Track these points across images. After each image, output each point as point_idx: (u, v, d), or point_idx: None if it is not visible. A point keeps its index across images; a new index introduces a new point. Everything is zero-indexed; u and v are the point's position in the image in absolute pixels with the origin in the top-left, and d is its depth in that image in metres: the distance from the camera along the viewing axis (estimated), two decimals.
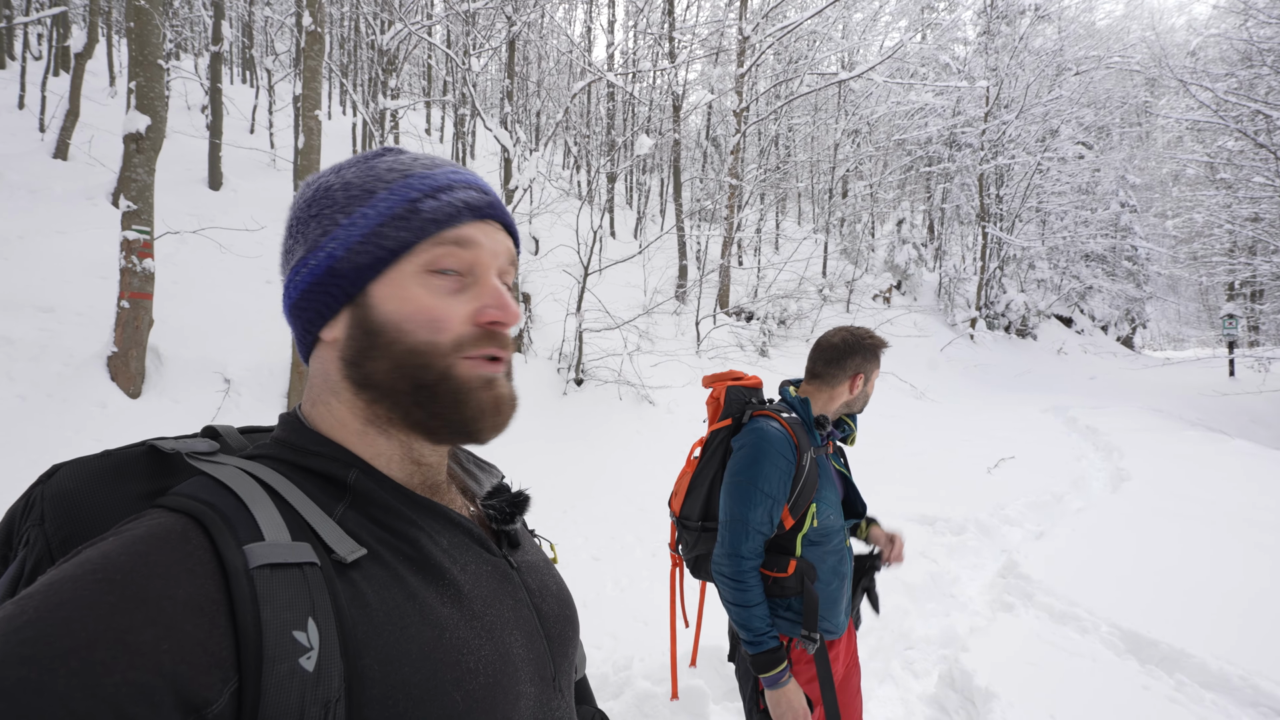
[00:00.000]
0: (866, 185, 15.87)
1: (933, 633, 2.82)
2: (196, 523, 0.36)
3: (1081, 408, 9.46)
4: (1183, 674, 2.40)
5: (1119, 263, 18.13)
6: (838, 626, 1.32)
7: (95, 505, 0.39)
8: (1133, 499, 4.63)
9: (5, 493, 2.13)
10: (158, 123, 4.23)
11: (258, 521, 0.37)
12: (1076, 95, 15.76)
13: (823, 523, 1.29)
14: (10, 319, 4.20)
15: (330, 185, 0.47)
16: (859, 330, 1.37)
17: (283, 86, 14.35)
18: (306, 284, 0.46)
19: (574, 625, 0.56)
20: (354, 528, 0.42)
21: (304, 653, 0.34)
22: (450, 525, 0.48)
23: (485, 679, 0.41)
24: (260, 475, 0.41)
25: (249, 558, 0.35)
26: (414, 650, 0.39)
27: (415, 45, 8.55)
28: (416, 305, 0.44)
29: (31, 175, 6.49)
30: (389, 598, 0.40)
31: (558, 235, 9.32)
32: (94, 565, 0.32)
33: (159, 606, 0.31)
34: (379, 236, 0.44)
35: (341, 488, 0.44)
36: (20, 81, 9.00)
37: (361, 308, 0.44)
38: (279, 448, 0.45)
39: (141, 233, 4.13)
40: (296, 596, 0.35)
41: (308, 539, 0.39)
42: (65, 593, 0.30)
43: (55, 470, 0.40)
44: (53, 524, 0.38)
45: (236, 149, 9.24)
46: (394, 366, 0.44)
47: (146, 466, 0.42)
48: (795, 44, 13.19)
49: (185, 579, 0.33)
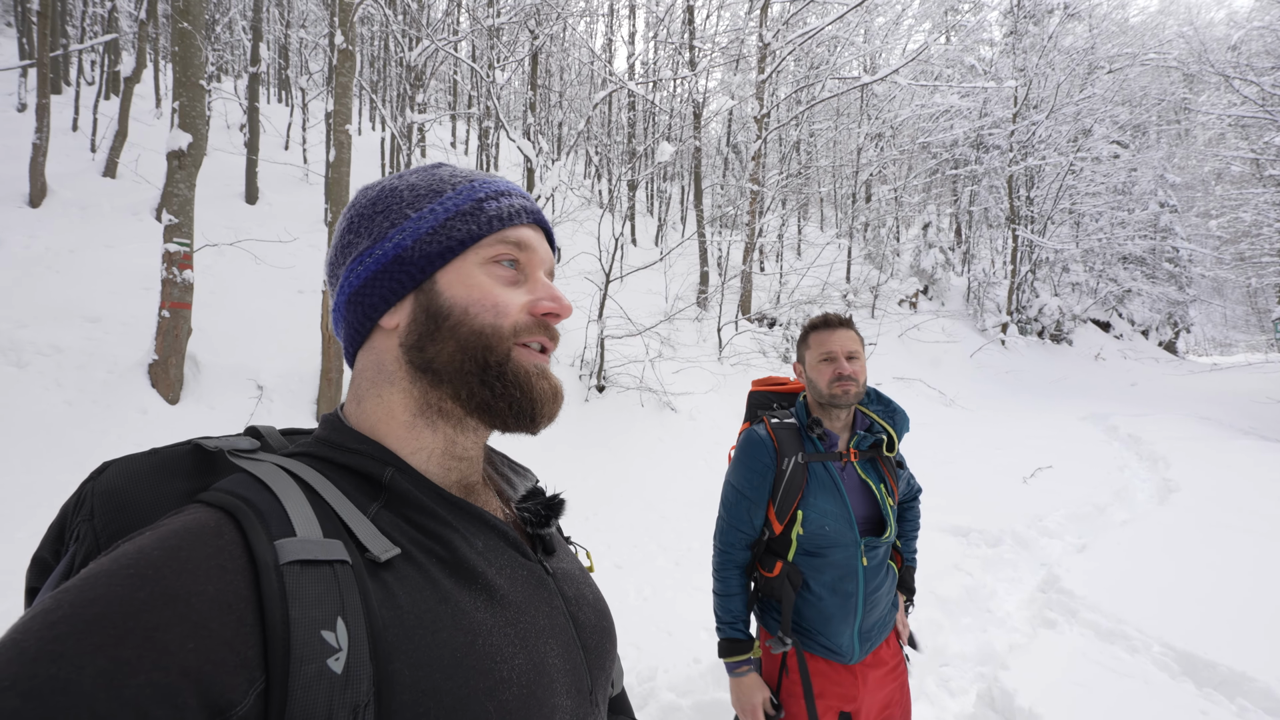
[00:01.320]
0: (891, 189, 15.62)
1: (969, 649, 2.70)
2: (231, 517, 0.36)
3: (1122, 415, 9.06)
4: (1245, 699, 2.24)
5: (1159, 265, 17.43)
6: (840, 648, 1.23)
7: (142, 501, 0.40)
8: (1182, 511, 4.40)
9: (53, 492, 2.22)
10: (199, 140, 4.41)
11: (290, 517, 0.37)
12: (1110, 93, 15.30)
13: (811, 531, 1.23)
14: (60, 328, 4.40)
15: (396, 187, 0.50)
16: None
17: (316, 104, 14.88)
18: (371, 271, 0.47)
19: (611, 637, 0.54)
20: (388, 527, 0.42)
21: (332, 654, 0.34)
22: (485, 528, 0.47)
23: (519, 690, 0.40)
24: (297, 472, 0.42)
25: (279, 553, 0.35)
26: (446, 656, 0.38)
27: (442, 61, 8.78)
28: (481, 291, 0.47)
29: (83, 193, 6.83)
30: (421, 600, 0.39)
31: (579, 243, 9.40)
32: (128, 560, 0.32)
33: (188, 603, 0.31)
34: (447, 229, 0.47)
35: (377, 486, 0.44)
36: (74, 105, 9.53)
37: (427, 294, 0.47)
38: (319, 445, 0.46)
39: (182, 245, 4.30)
40: (325, 594, 0.35)
41: (341, 536, 0.39)
42: (100, 588, 0.30)
43: (105, 467, 0.41)
44: (101, 519, 0.38)
45: (272, 164, 9.60)
46: (459, 348, 0.46)
47: (191, 464, 0.43)
48: (816, 49, 13.12)
49: (215, 574, 0.33)
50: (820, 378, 1.28)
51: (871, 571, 1.25)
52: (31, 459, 3.42)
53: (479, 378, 0.46)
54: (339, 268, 0.50)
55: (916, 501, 1.49)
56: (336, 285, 0.50)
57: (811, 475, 1.26)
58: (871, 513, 1.27)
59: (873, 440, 1.28)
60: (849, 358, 1.27)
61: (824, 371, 1.27)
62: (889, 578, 1.30)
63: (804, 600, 1.26)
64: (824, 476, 1.26)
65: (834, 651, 1.25)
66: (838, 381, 1.25)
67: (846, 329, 1.30)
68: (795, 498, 1.24)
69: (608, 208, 8.26)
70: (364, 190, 0.52)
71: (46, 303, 4.65)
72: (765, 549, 1.31)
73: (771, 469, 1.28)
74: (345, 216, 0.51)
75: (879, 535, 1.25)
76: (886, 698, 1.30)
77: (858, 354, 1.28)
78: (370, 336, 0.49)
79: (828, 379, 1.27)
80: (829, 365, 1.27)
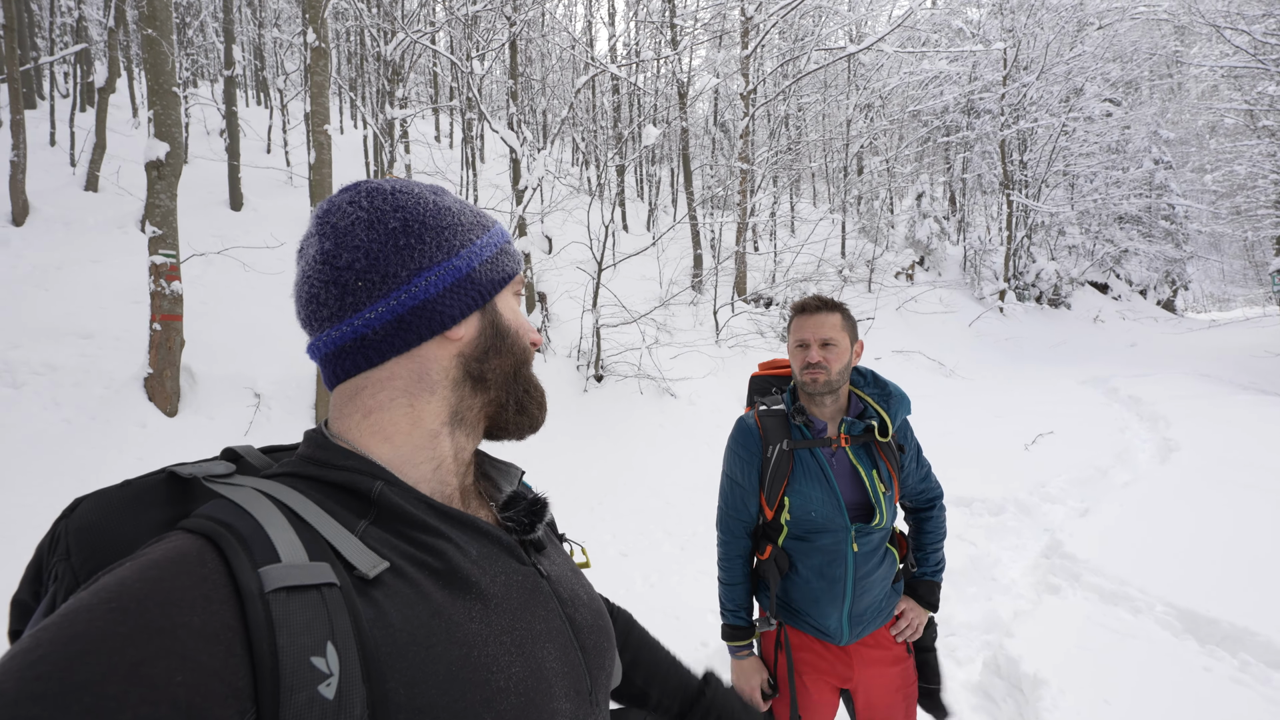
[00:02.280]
0: (882, 160, 15.44)
1: (974, 618, 2.73)
2: (212, 544, 0.36)
3: (1123, 377, 9.08)
4: (1247, 653, 2.27)
5: (1155, 223, 17.31)
6: (828, 629, 1.25)
7: (119, 535, 0.39)
8: (1183, 470, 4.42)
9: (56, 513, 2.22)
10: (176, 149, 4.34)
11: (273, 542, 0.37)
12: (1100, 50, 15.02)
13: (797, 516, 1.23)
14: (54, 346, 4.38)
15: (449, 207, 0.52)
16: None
17: (295, 105, 14.64)
18: (449, 283, 0.49)
19: (609, 636, 0.55)
20: (377, 543, 0.41)
21: (323, 679, 0.33)
22: (478, 535, 0.47)
23: (517, 698, 0.40)
24: (276, 495, 0.41)
25: (264, 580, 0.35)
26: (441, 671, 0.38)
27: (420, 54, 8.61)
28: (519, 318, 0.55)
29: (65, 208, 6.75)
30: (413, 616, 0.39)
31: (570, 233, 9.32)
32: (109, 594, 0.31)
33: (173, 636, 0.30)
34: (501, 262, 0.54)
35: (366, 502, 0.43)
36: (50, 119, 9.37)
37: (490, 313, 0.52)
38: (303, 464, 0.45)
39: (168, 257, 4.26)
40: (314, 620, 0.35)
41: (327, 558, 0.38)
42: (79, 624, 0.30)
43: (77, 504, 0.40)
44: (78, 557, 0.38)
45: (254, 169, 9.47)
46: (514, 364, 0.53)
47: (166, 493, 0.42)
48: (800, 21, 12.87)
49: (200, 605, 0.32)
50: (794, 364, 1.27)
51: (863, 558, 1.24)
52: (34, 479, 3.43)
53: (522, 386, 0.54)
54: (393, 266, 0.47)
55: (934, 508, 1.40)
56: (389, 284, 0.46)
57: (798, 462, 1.25)
58: (862, 499, 1.24)
59: (864, 425, 1.25)
60: (823, 344, 1.23)
61: (797, 358, 1.26)
62: (884, 564, 1.28)
63: (792, 582, 1.28)
64: (810, 463, 1.24)
65: (823, 632, 1.27)
66: (806, 370, 1.23)
67: (824, 313, 1.25)
68: (781, 484, 1.24)
69: (597, 195, 8.17)
70: (405, 193, 0.50)
71: (38, 321, 4.62)
72: (760, 533, 1.33)
73: (758, 456, 1.28)
74: (387, 214, 0.48)
75: (870, 521, 1.24)
76: (891, 682, 1.29)
77: (834, 340, 1.22)
78: (419, 346, 0.48)
79: (799, 366, 1.25)
80: (801, 352, 1.25)
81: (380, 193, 0.49)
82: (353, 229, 0.47)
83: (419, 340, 0.47)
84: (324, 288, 0.47)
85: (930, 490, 1.41)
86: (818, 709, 1.28)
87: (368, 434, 0.47)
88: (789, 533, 1.26)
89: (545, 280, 7.49)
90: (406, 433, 0.47)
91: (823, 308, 1.26)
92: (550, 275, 7.71)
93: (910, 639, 1.33)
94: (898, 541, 1.35)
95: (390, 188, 0.50)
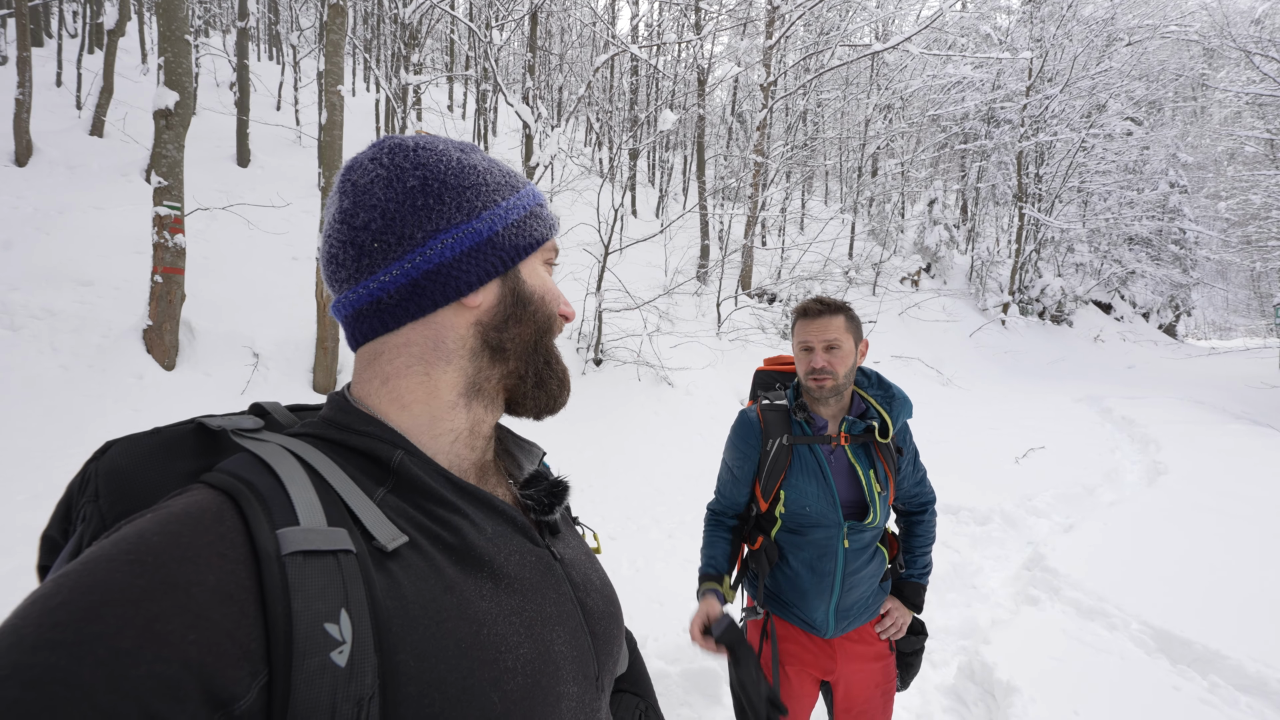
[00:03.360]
0: (898, 163, 15.30)
1: (953, 623, 2.77)
2: (232, 501, 0.36)
3: (1118, 398, 9.11)
4: (1217, 675, 2.32)
5: (1165, 246, 17.26)
6: (815, 622, 1.28)
7: (147, 482, 0.39)
8: (1169, 493, 4.46)
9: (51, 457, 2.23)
10: (185, 98, 4.27)
11: (294, 504, 0.37)
12: (1127, 67, 14.85)
13: (791, 510, 1.26)
14: (53, 291, 4.35)
15: (475, 165, 0.49)
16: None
17: (307, 63, 14.39)
18: (466, 246, 0.47)
19: (619, 622, 0.55)
20: (394, 513, 0.41)
21: (336, 646, 0.33)
22: (494, 513, 0.47)
23: (524, 679, 0.40)
24: (301, 454, 0.41)
25: (282, 543, 0.35)
26: (451, 646, 0.38)
27: (438, 19, 8.45)
28: (547, 285, 0.52)
29: (70, 152, 6.66)
30: (426, 589, 0.39)
31: (578, 213, 9.24)
32: (128, 545, 0.31)
33: (188, 593, 0.30)
34: (529, 225, 0.51)
35: (385, 470, 0.43)
36: (57, 59, 9.19)
37: (513, 280, 0.50)
38: (325, 426, 0.45)
39: (173, 209, 4.21)
40: (329, 586, 0.34)
41: (345, 524, 0.38)
42: (99, 573, 0.30)
43: (108, 447, 0.40)
44: (107, 500, 0.38)
45: (263, 125, 9.33)
46: (535, 332, 0.51)
47: (194, 444, 0.42)
48: (827, 14, 12.65)
49: (216, 563, 0.32)
50: (799, 367, 1.29)
51: (853, 554, 1.26)
52: (29, 423, 3.43)
53: (544, 358, 0.52)
54: (409, 227, 0.45)
55: (925, 512, 1.42)
56: (405, 246, 0.45)
57: (796, 457, 1.27)
58: (858, 497, 1.26)
59: (865, 425, 1.26)
60: (828, 348, 1.23)
61: (801, 361, 1.27)
62: (874, 562, 1.31)
63: (782, 574, 1.31)
64: (809, 459, 1.26)
65: (809, 624, 1.30)
66: (811, 375, 1.24)
67: (830, 316, 1.24)
68: (778, 478, 1.27)
69: (608, 177, 8.09)
70: (428, 150, 0.47)
71: (38, 265, 4.58)
72: (754, 524, 1.35)
73: (756, 449, 1.31)
74: (407, 171, 0.46)
75: (864, 520, 1.25)
76: (871, 678, 1.32)
77: (838, 343, 1.22)
78: (434, 312, 0.46)
79: (804, 370, 1.26)
80: (806, 356, 1.26)
81: (403, 149, 0.47)
82: (371, 187, 0.46)
83: (434, 306, 0.46)
84: (342, 248, 0.46)
85: (924, 495, 1.43)
86: (798, 699, 1.31)
87: (386, 401, 0.46)
88: (782, 525, 1.29)
89: None
90: (423, 402, 0.46)
91: (826, 310, 1.25)
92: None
93: (894, 637, 1.36)
94: (889, 542, 1.38)
95: (414, 144, 0.48)
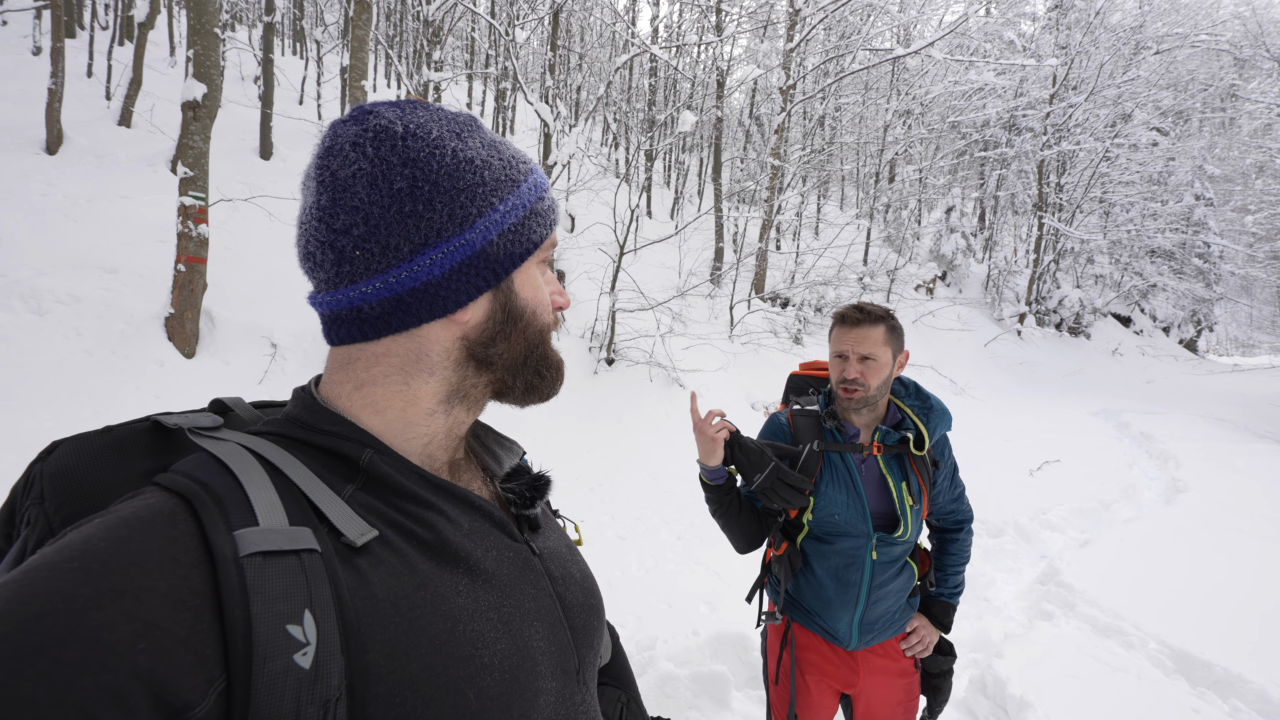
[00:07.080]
0: (916, 170, 15.15)
1: (964, 636, 2.73)
2: (186, 504, 0.34)
3: (1135, 412, 8.95)
4: (1239, 699, 2.26)
5: (1188, 260, 16.91)
6: (837, 633, 1.26)
7: (97, 483, 0.37)
8: (1189, 511, 4.37)
9: None
10: (213, 91, 4.34)
11: (253, 504, 0.35)
12: (1155, 76, 14.57)
13: (820, 518, 1.23)
14: (79, 278, 4.44)
15: (471, 159, 0.44)
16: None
17: (331, 58, 14.56)
18: (457, 262, 0.43)
19: (599, 614, 0.54)
20: (364, 510, 0.40)
21: (299, 648, 0.32)
22: (470, 508, 0.46)
23: (501, 675, 0.39)
24: (263, 452, 0.39)
25: (240, 544, 0.33)
26: (424, 644, 0.37)
27: (460, 16, 8.51)
28: (540, 294, 0.49)
29: (99, 141, 6.80)
30: (397, 586, 0.38)
31: (594, 213, 9.26)
32: (72, 552, 0.30)
33: (137, 599, 0.29)
34: (526, 229, 0.47)
35: (354, 469, 0.42)
36: (88, 50, 9.39)
37: (505, 293, 0.46)
38: (289, 425, 0.43)
39: (197, 199, 4.28)
40: (291, 587, 0.33)
41: (310, 523, 0.37)
42: (40, 583, 0.28)
43: (55, 447, 0.38)
44: (53, 503, 0.36)
45: (286, 119, 9.46)
46: (526, 347, 0.48)
47: (149, 443, 0.40)
48: (849, 18, 12.56)
49: (168, 568, 0.31)
50: (832, 374, 1.26)
51: (881, 567, 1.23)
52: (52, 404, 3.50)
53: (534, 368, 0.49)
54: (395, 237, 0.41)
55: (961, 530, 1.37)
56: (389, 259, 0.41)
57: (827, 464, 1.24)
58: (888, 509, 1.23)
59: (899, 436, 1.23)
60: (862, 359, 1.19)
61: (835, 369, 1.25)
62: (902, 577, 1.27)
63: (807, 582, 1.28)
64: (840, 467, 1.24)
65: (831, 635, 1.27)
66: (842, 385, 1.21)
67: (870, 326, 1.20)
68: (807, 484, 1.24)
69: (624, 178, 8.10)
70: (407, 138, 0.42)
71: (65, 252, 4.68)
72: (780, 530, 1.33)
73: None
74: (394, 168, 0.41)
75: (894, 532, 1.23)
76: (894, 694, 1.29)
77: (874, 355, 1.19)
78: (420, 326, 0.44)
79: (835, 379, 1.24)
80: (839, 364, 1.23)
81: (390, 138, 0.42)
82: (353, 183, 0.41)
83: (418, 322, 0.43)
84: (320, 249, 0.43)
85: (961, 512, 1.38)
86: (816, 710, 1.29)
87: (359, 405, 0.44)
88: (809, 532, 1.26)
89: (565, 259, 7.47)
90: (400, 409, 0.45)
91: (865, 320, 1.21)
92: (571, 255, 7.68)
93: (920, 655, 1.32)
94: (919, 557, 1.34)
95: (402, 130, 0.42)
